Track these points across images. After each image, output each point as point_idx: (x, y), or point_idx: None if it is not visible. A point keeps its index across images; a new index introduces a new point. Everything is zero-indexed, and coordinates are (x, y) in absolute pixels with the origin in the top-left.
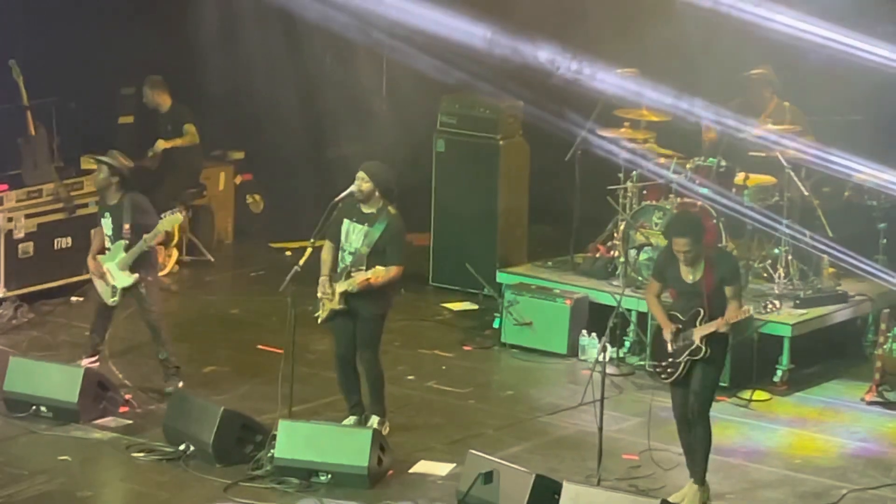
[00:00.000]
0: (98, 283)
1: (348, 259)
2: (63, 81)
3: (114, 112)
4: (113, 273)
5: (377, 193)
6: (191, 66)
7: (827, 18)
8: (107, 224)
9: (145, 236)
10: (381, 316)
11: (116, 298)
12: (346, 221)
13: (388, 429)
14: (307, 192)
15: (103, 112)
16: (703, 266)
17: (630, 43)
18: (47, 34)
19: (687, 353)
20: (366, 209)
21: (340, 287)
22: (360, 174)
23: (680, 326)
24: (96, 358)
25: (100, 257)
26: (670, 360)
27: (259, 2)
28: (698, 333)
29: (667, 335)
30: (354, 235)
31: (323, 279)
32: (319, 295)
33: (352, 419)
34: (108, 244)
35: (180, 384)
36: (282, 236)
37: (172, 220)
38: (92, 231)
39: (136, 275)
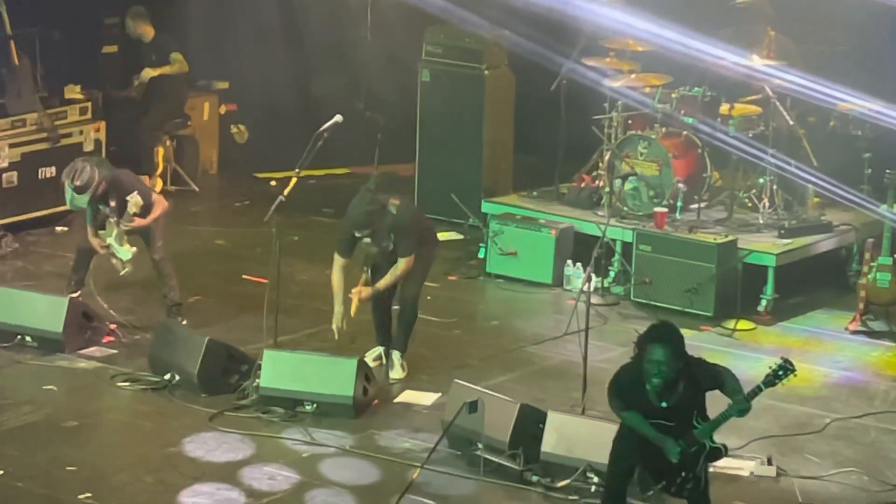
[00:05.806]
0: (109, 258)
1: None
2: (47, 11)
3: (98, 41)
4: (115, 247)
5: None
6: None
7: None
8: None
9: (124, 217)
10: (431, 258)
11: (128, 269)
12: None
13: (406, 369)
14: (292, 121)
15: (87, 42)
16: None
17: None
18: None
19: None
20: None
21: (366, 293)
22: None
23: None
24: (79, 294)
25: (101, 233)
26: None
27: None
28: None
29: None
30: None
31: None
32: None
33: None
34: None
35: (182, 321)
36: (266, 166)
37: (135, 203)
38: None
39: (135, 248)
